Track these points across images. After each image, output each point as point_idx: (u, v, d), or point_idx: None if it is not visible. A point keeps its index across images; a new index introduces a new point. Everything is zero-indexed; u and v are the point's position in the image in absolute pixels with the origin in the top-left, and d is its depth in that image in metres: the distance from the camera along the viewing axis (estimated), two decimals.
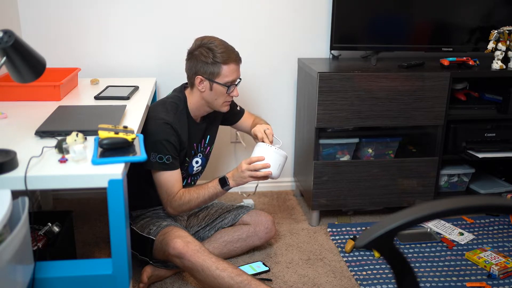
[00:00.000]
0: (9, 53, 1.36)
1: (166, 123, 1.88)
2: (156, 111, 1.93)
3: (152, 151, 1.86)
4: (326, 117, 2.30)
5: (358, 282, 1.99)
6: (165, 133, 1.87)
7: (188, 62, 1.97)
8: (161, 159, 1.87)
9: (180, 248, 1.79)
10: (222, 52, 1.90)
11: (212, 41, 1.92)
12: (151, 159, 1.86)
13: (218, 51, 1.89)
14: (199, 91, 1.96)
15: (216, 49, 1.89)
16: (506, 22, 2.52)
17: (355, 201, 2.45)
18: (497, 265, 2.07)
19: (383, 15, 2.53)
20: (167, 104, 1.96)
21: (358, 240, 0.86)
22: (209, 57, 1.89)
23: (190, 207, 1.96)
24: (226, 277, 1.75)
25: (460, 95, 2.52)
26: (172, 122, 1.90)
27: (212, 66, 1.90)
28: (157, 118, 1.89)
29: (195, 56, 1.93)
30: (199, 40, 1.96)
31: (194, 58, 1.94)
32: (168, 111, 1.93)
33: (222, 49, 1.90)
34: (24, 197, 1.18)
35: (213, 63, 1.89)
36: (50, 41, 2.45)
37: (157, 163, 1.87)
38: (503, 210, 0.85)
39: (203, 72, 1.92)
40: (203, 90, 1.95)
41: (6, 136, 1.50)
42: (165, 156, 1.87)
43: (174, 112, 1.94)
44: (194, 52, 1.94)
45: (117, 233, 1.29)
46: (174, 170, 1.91)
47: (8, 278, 1.05)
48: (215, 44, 1.90)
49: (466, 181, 2.62)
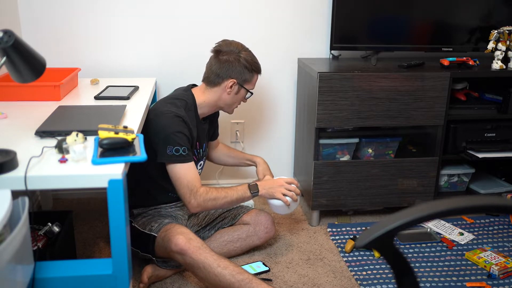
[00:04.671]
0: (9, 53, 1.36)
1: (177, 115, 1.88)
2: (165, 106, 1.92)
3: (168, 145, 1.84)
4: (326, 117, 2.30)
5: (358, 282, 1.99)
6: (178, 125, 1.87)
7: (222, 64, 1.98)
8: (178, 151, 1.85)
9: (182, 244, 1.79)
10: (257, 63, 2.05)
11: (248, 50, 2.03)
12: (167, 152, 1.84)
13: (256, 61, 2.04)
14: (222, 92, 2.01)
15: (254, 59, 2.03)
16: (506, 22, 2.52)
17: (355, 201, 2.45)
18: (497, 265, 2.07)
19: (383, 15, 2.53)
20: (176, 101, 1.96)
21: (358, 240, 0.86)
22: (250, 64, 2.00)
23: (215, 205, 1.92)
24: (228, 275, 1.75)
25: (460, 95, 2.52)
26: (183, 115, 1.90)
27: (249, 73, 2.01)
28: (167, 112, 1.88)
29: (234, 60, 1.97)
30: (235, 45, 2.01)
31: (232, 62, 1.97)
32: (178, 106, 1.93)
33: (256, 60, 2.05)
34: (24, 197, 1.18)
35: (251, 71, 2.01)
36: (50, 41, 2.45)
37: (174, 156, 1.85)
38: (503, 210, 0.85)
39: (239, 76, 1.99)
40: (229, 93, 2.01)
41: (6, 136, 1.50)
42: (181, 147, 1.85)
43: (184, 108, 1.95)
44: (231, 55, 1.97)
45: (117, 233, 1.29)
46: (191, 162, 1.89)
47: (8, 278, 1.05)
48: (252, 54, 2.04)
49: (466, 181, 2.62)
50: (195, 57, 2.56)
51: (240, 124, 2.73)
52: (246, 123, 2.75)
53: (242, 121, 2.73)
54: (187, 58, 2.56)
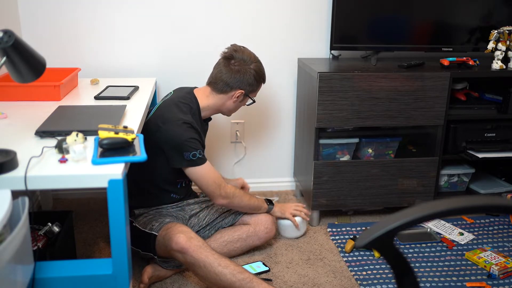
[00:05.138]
0: (9, 53, 1.36)
1: (186, 122, 1.90)
2: (172, 112, 1.93)
3: (184, 152, 1.86)
4: (326, 117, 2.30)
5: (358, 282, 1.99)
6: (188, 132, 1.89)
7: (234, 74, 1.99)
8: (195, 156, 1.88)
9: (182, 243, 1.79)
10: (264, 73, 2.08)
11: (258, 60, 2.05)
12: (185, 158, 1.87)
13: (264, 71, 2.07)
14: (228, 100, 2.03)
15: (263, 69, 2.06)
16: (506, 22, 2.52)
17: (355, 201, 2.45)
18: (497, 265, 2.07)
19: (383, 15, 2.53)
20: (181, 106, 1.96)
21: (358, 240, 0.86)
22: (260, 76, 2.04)
23: (239, 203, 2.03)
24: (228, 274, 1.75)
25: (460, 95, 2.52)
26: (192, 121, 1.92)
27: (257, 84, 2.05)
28: (175, 120, 1.89)
29: (246, 72, 1.99)
30: (246, 54, 2.01)
31: (244, 73, 2.00)
32: (184, 112, 1.94)
33: (264, 69, 2.07)
34: (24, 197, 1.18)
35: (259, 82, 2.06)
36: (50, 41, 2.45)
37: (192, 160, 1.88)
38: (503, 210, 0.85)
39: (248, 88, 2.02)
40: (235, 102, 2.04)
41: (6, 136, 1.51)
42: (197, 151, 1.88)
43: (189, 113, 1.97)
44: (244, 66, 1.99)
45: (117, 233, 1.29)
46: (208, 162, 1.95)
47: (8, 278, 1.05)
48: (260, 63, 2.05)
49: (466, 181, 2.62)
50: (195, 57, 2.56)
51: (240, 124, 2.73)
52: (246, 123, 2.75)
53: (242, 121, 2.73)
54: (187, 58, 2.56)
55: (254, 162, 2.82)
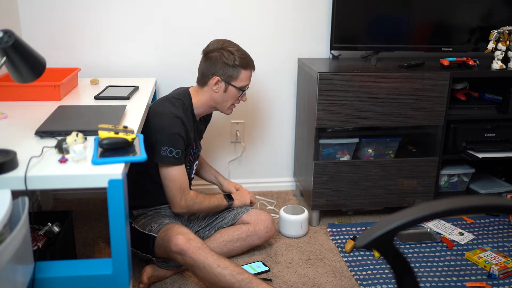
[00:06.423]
0: (9, 53, 1.36)
1: (177, 117, 1.90)
2: (164, 106, 1.94)
3: (164, 145, 1.86)
4: (326, 117, 2.30)
5: (358, 282, 1.99)
6: (177, 127, 1.88)
7: (206, 62, 1.99)
8: (171, 153, 1.87)
9: (182, 244, 1.79)
10: (243, 57, 1.98)
11: (233, 45, 2.00)
12: (161, 153, 1.86)
13: (239, 56, 1.98)
14: (211, 91, 2.00)
15: (237, 53, 1.97)
16: (506, 22, 2.52)
17: (355, 201, 2.45)
18: (497, 265, 2.07)
19: (383, 15, 2.53)
20: (174, 100, 1.97)
21: (358, 240, 0.86)
22: (231, 60, 1.95)
23: (199, 209, 2.03)
24: (228, 275, 1.75)
25: (460, 95, 2.52)
26: (182, 116, 1.92)
27: (232, 69, 1.97)
28: (166, 112, 1.90)
29: (215, 57, 1.96)
30: (219, 43, 1.99)
31: (214, 59, 1.97)
32: (177, 106, 1.95)
33: (243, 54, 1.99)
34: (24, 197, 1.18)
35: (234, 66, 1.97)
36: (50, 41, 2.45)
37: (167, 157, 1.87)
38: (503, 210, 0.85)
39: (222, 73, 1.97)
40: (217, 91, 2.00)
41: (6, 136, 1.50)
42: (175, 149, 1.87)
43: (181, 108, 1.96)
44: (213, 52, 1.97)
45: (117, 233, 1.29)
46: (183, 165, 1.93)
47: (8, 278, 1.05)
48: (236, 49, 1.99)
49: (466, 181, 2.62)
50: (195, 57, 2.54)
51: (240, 124, 2.73)
52: (246, 123, 2.75)
53: (242, 121, 2.73)
54: (187, 58, 2.56)
55: (254, 162, 2.82)
